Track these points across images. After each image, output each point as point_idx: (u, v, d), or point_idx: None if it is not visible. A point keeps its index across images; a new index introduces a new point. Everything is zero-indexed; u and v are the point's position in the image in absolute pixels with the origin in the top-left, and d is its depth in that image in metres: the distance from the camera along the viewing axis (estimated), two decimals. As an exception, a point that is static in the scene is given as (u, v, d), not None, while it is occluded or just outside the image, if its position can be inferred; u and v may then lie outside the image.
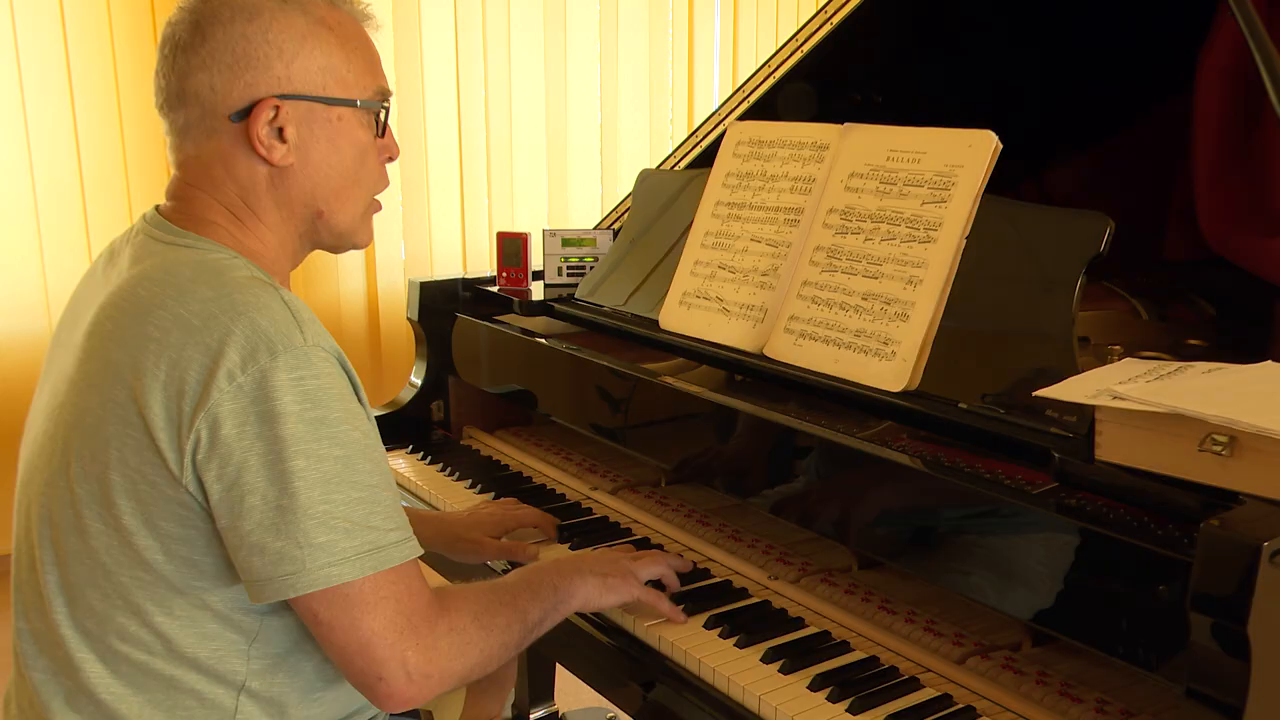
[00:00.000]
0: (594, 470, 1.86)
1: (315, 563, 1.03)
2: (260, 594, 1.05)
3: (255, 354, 1.02)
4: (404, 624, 1.07)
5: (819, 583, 1.42)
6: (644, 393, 1.59)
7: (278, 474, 1.02)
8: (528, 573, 1.28)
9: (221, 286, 1.07)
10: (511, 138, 3.31)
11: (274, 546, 1.03)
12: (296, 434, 1.02)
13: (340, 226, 1.20)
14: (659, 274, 1.77)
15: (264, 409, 1.02)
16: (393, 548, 1.07)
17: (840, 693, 1.18)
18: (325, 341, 1.07)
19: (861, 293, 1.41)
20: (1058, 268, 1.26)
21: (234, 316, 1.04)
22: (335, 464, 1.04)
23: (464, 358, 2.05)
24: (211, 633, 1.10)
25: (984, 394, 1.26)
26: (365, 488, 1.06)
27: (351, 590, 1.04)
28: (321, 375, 1.05)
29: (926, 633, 1.29)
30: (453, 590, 1.16)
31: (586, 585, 1.30)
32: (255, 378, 1.02)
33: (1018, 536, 1.11)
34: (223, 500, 1.04)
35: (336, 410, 1.05)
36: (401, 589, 1.07)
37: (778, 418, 1.37)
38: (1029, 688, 1.17)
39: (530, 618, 1.22)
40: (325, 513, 1.03)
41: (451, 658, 1.10)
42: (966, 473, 1.17)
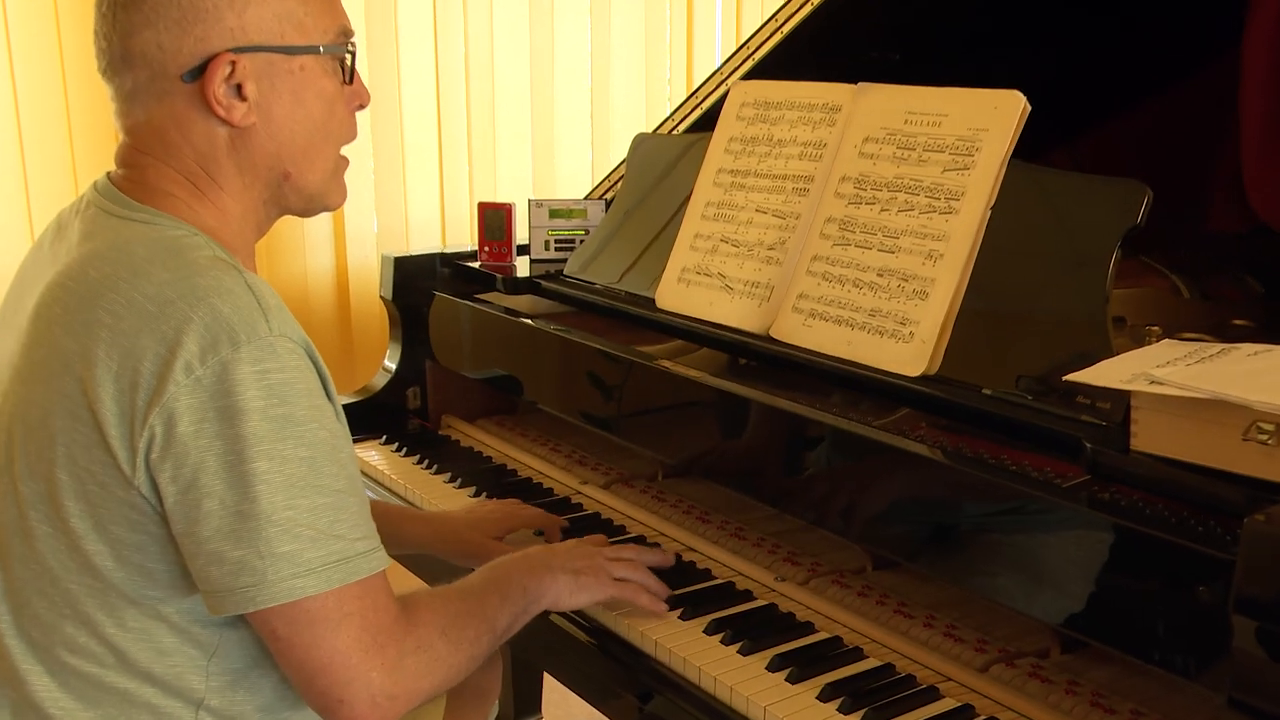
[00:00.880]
0: (584, 463, 1.86)
1: (278, 574, 1.03)
2: (218, 606, 1.05)
3: (216, 344, 1.02)
4: (369, 642, 1.07)
5: (830, 584, 1.43)
6: (639, 378, 1.60)
7: (238, 476, 1.02)
8: (495, 572, 1.28)
9: (180, 268, 1.06)
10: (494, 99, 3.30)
11: (233, 555, 1.03)
12: (259, 433, 1.02)
13: (310, 188, 1.19)
14: (656, 248, 1.77)
15: (224, 405, 1.01)
16: (360, 559, 1.07)
17: (853, 703, 1.18)
18: (292, 331, 1.07)
19: (877, 268, 1.41)
20: (1091, 241, 1.26)
21: (193, 302, 1.03)
22: (300, 466, 1.04)
23: (442, 340, 2.05)
24: (167, 647, 1.10)
25: (1010, 379, 1.27)
26: (332, 493, 1.06)
27: (314, 605, 1.04)
28: (287, 368, 1.04)
29: (946, 638, 1.29)
30: (419, 602, 1.16)
31: (557, 584, 1.31)
32: (215, 370, 1.01)
33: (1046, 534, 1.11)
34: (178, 504, 1.03)
35: (303, 407, 1.05)
36: (367, 604, 1.07)
37: (785, 405, 1.38)
38: (1058, 698, 1.18)
39: (499, 625, 1.23)
40: (289, 520, 1.03)
41: (419, 677, 1.11)
42: (990, 465, 1.17)
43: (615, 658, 1.36)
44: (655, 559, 1.43)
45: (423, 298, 2.05)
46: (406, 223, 3.19)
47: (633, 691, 1.33)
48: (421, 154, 3.20)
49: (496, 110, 3.31)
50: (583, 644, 1.39)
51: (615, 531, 1.63)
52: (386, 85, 3.08)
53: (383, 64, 3.07)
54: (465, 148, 3.27)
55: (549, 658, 1.53)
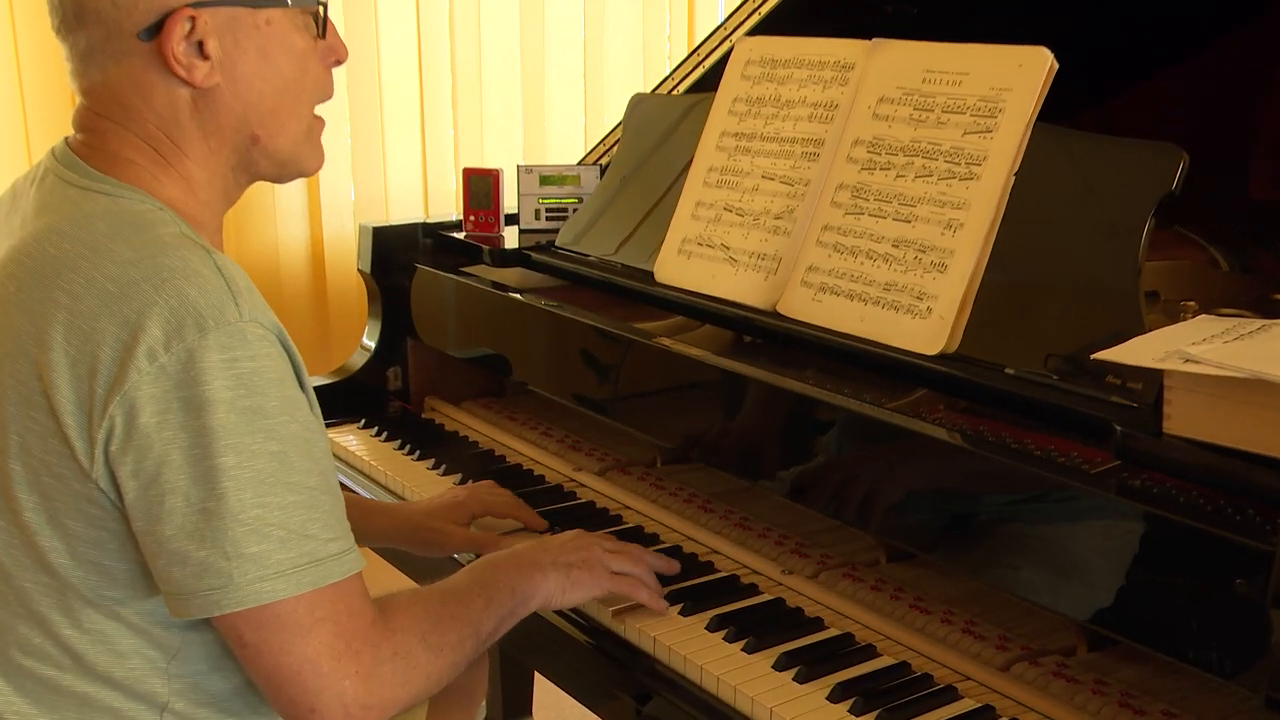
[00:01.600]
0: (578, 448, 1.87)
1: (245, 576, 1.03)
2: (181, 609, 1.05)
3: (181, 329, 1.01)
4: (342, 649, 1.07)
5: (841, 578, 1.43)
6: (637, 357, 1.60)
7: (204, 471, 1.02)
8: (481, 571, 1.28)
9: (144, 247, 1.06)
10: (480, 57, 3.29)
11: (197, 556, 1.03)
12: (227, 425, 1.02)
13: (281, 152, 1.19)
14: (654, 218, 1.77)
15: (190, 395, 1.01)
16: (333, 561, 1.07)
17: (865, 704, 1.19)
18: (263, 316, 1.07)
19: (892, 239, 1.41)
20: (1122, 209, 1.26)
21: (158, 284, 1.03)
22: (270, 461, 1.04)
23: (425, 316, 2.05)
24: (126, 649, 1.10)
25: (1034, 357, 1.27)
26: (304, 490, 1.06)
27: (283, 610, 1.04)
28: (258, 356, 1.04)
29: (965, 635, 1.30)
30: (397, 604, 1.16)
31: (548, 582, 1.31)
32: (181, 357, 1.01)
33: (1073, 524, 1.12)
34: (139, 500, 1.03)
35: (274, 398, 1.05)
36: (340, 608, 1.07)
37: (793, 386, 1.38)
38: (1084, 698, 1.19)
39: (484, 629, 1.23)
40: (257, 518, 1.03)
41: (395, 686, 1.11)
42: (1013, 449, 1.17)
43: (611, 656, 1.36)
44: (659, 563, 1.44)
45: (404, 271, 2.05)
46: (386, 190, 3.18)
47: (630, 692, 1.34)
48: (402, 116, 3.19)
49: (483, 69, 3.30)
50: (576, 642, 1.40)
51: (611, 522, 1.64)
52: (364, 42, 3.06)
53: (360, 18, 3.05)
54: (449, 109, 3.26)
55: (540, 656, 1.53)
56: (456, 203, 3.17)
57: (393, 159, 3.18)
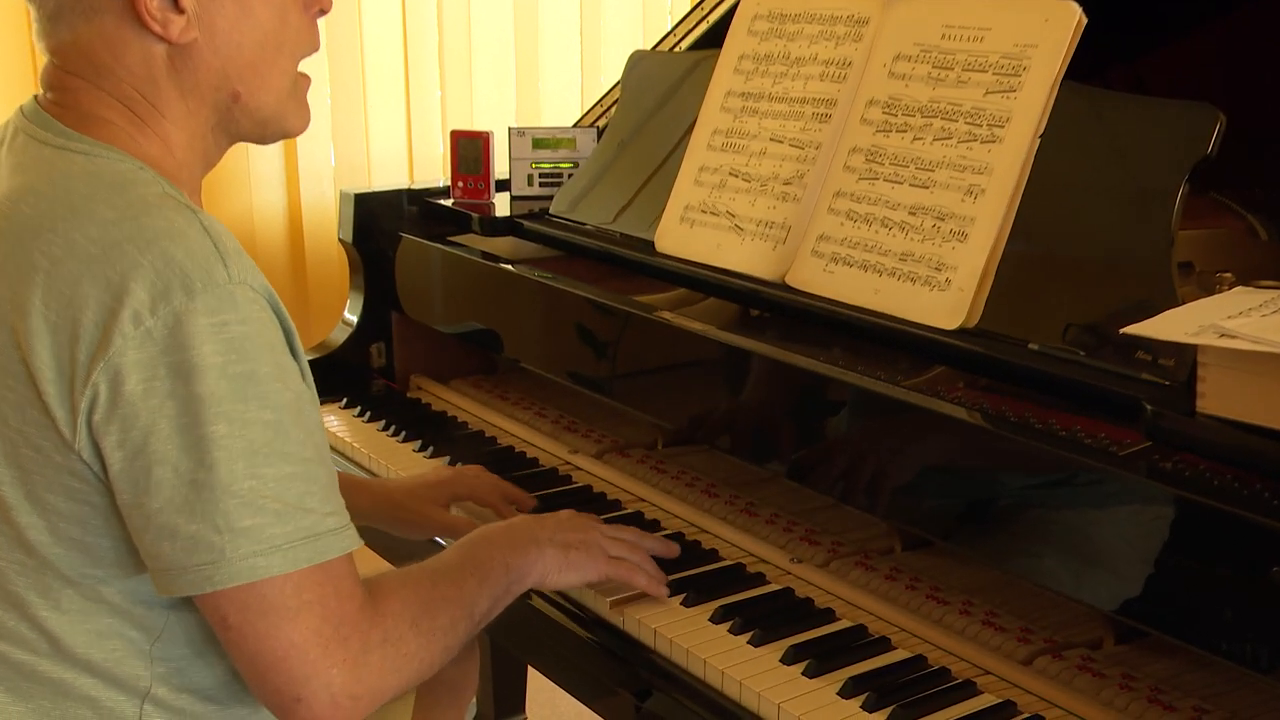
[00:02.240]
0: (574, 429, 1.87)
1: (238, 551, 1.03)
2: (169, 586, 1.06)
3: (168, 292, 1.02)
4: (330, 635, 1.08)
5: (853, 567, 1.44)
6: (636, 332, 1.60)
7: (193, 441, 1.02)
8: (473, 549, 1.29)
9: (126, 207, 1.06)
10: (470, 11, 3.28)
11: (187, 530, 1.03)
12: (217, 392, 1.02)
13: (264, 109, 1.19)
14: (655, 184, 1.77)
15: (177, 360, 1.02)
16: (331, 536, 1.08)
17: (878, 699, 1.20)
18: (254, 278, 1.07)
19: (908, 206, 1.41)
20: (1155, 174, 1.26)
21: (142, 245, 1.03)
22: (264, 431, 1.04)
23: (410, 289, 2.05)
24: (107, 629, 1.11)
25: (1060, 332, 1.27)
26: (299, 461, 1.06)
27: (270, 591, 1.05)
28: (249, 320, 1.04)
29: (985, 627, 1.30)
30: (388, 587, 1.17)
31: (544, 559, 1.31)
32: (168, 321, 1.02)
33: (1100, 509, 1.12)
34: (125, 472, 1.04)
35: (266, 364, 1.05)
36: (329, 591, 1.08)
37: (803, 362, 1.38)
38: (1111, 693, 1.19)
39: (478, 610, 1.23)
40: (251, 490, 1.03)
41: (385, 674, 1.12)
42: (1037, 430, 1.18)
43: (609, 650, 1.37)
44: (658, 547, 1.44)
45: (387, 240, 2.05)
46: (368, 155, 3.17)
47: (629, 688, 1.34)
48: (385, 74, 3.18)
49: (472, 24, 3.29)
50: (572, 634, 1.40)
51: (609, 507, 1.64)
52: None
53: (340, -29, 3.04)
54: (436, 67, 3.25)
55: (534, 650, 1.54)
56: (444, 168, 3.17)
57: (375, 121, 3.17)
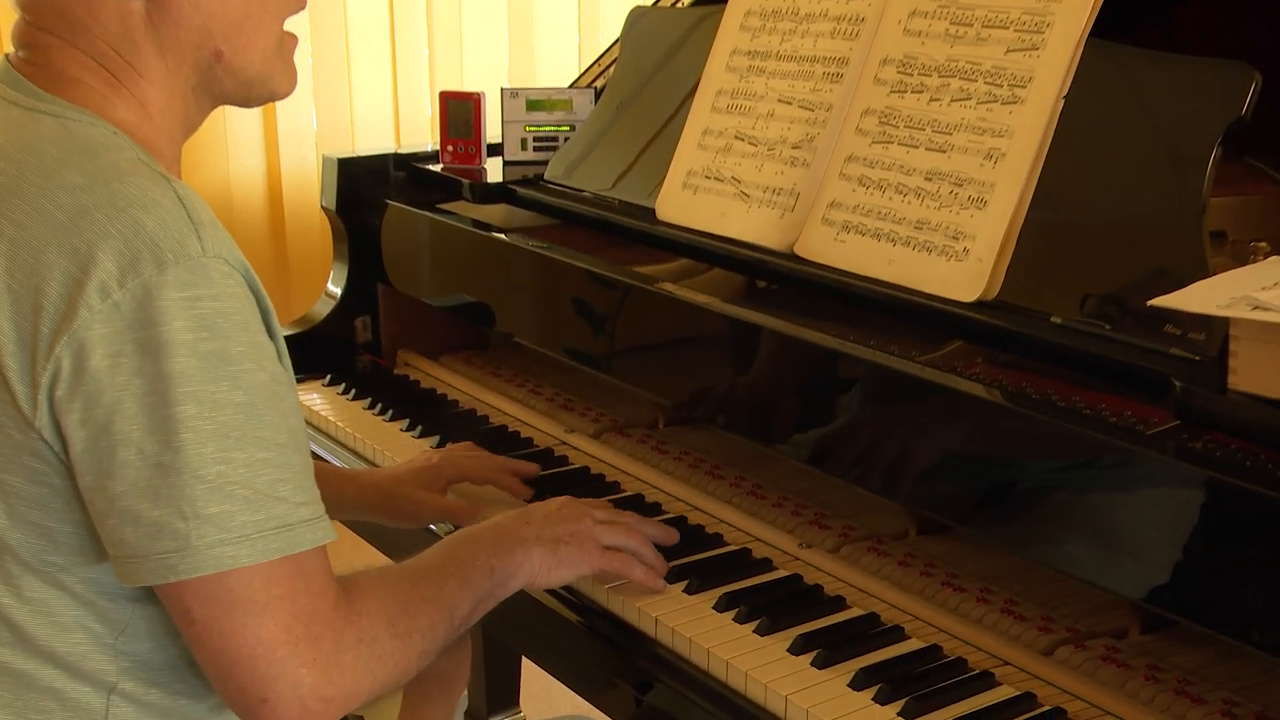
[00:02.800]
0: (570, 408, 1.87)
1: (204, 539, 1.03)
2: (131, 575, 1.06)
3: (137, 264, 1.02)
4: (300, 633, 1.08)
5: (865, 552, 1.44)
6: (636, 305, 1.60)
7: (160, 421, 1.02)
8: (457, 547, 1.29)
9: (97, 173, 1.06)
10: (458, -35, 3.26)
11: (151, 515, 1.03)
12: (187, 371, 1.02)
13: (248, 70, 1.19)
14: (656, 148, 1.76)
15: (146, 336, 1.02)
16: (304, 527, 1.08)
17: (891, 691, 1.20)
18: (229, 252, 1.07)
19: (925, 171, 1.41)
20: (1186, 137, 1.26)
21: (111, 213, 1.03)
22: (235, 413, 1.04)
23: (398, 259, 2.05)
24: (69, 622, 1.11)
25: (1084, 304, 1.27)
26: (272, 446, 1.06)
27: (238, 584, 1.05)
28: (222, 296, 1.04)
29: (1004, 616, 1.31)
30: (362, 586, 1.17)
31: (532, 560, 1.31)
32: (136, 295, 1.02)
33: (1125, 491, 1.12)
34: (87, 452, 1.04)
35: (239, 343, 1.05)
36: (300, 586, 1.08)
37: (812, 337, 1.38)
38: (1136, 685, 1.20)
39: (459, 613, 1.23)
40: (220, 475, 1.03)
41: (358, 676, 1.12)
42: (1060, 408, 1.18)
43: (608, 639, 1.37)
44: (657, 533, 1.44)
45: (373, 208, 2.05)
46: (352, 118, 3.17)
47: (629, 680, 1.35)
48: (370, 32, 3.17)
49: (461, -21, 3.28)
50: (569, 623, 1.41)
51: (607, 489, 1.65)
52: (326, -52, 3.04)
53: (321, -79, 3.03)
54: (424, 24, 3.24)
55: (528, 640, 1.54)
56: (432, 131, 3.16)
57: (360, 81, 3.16)
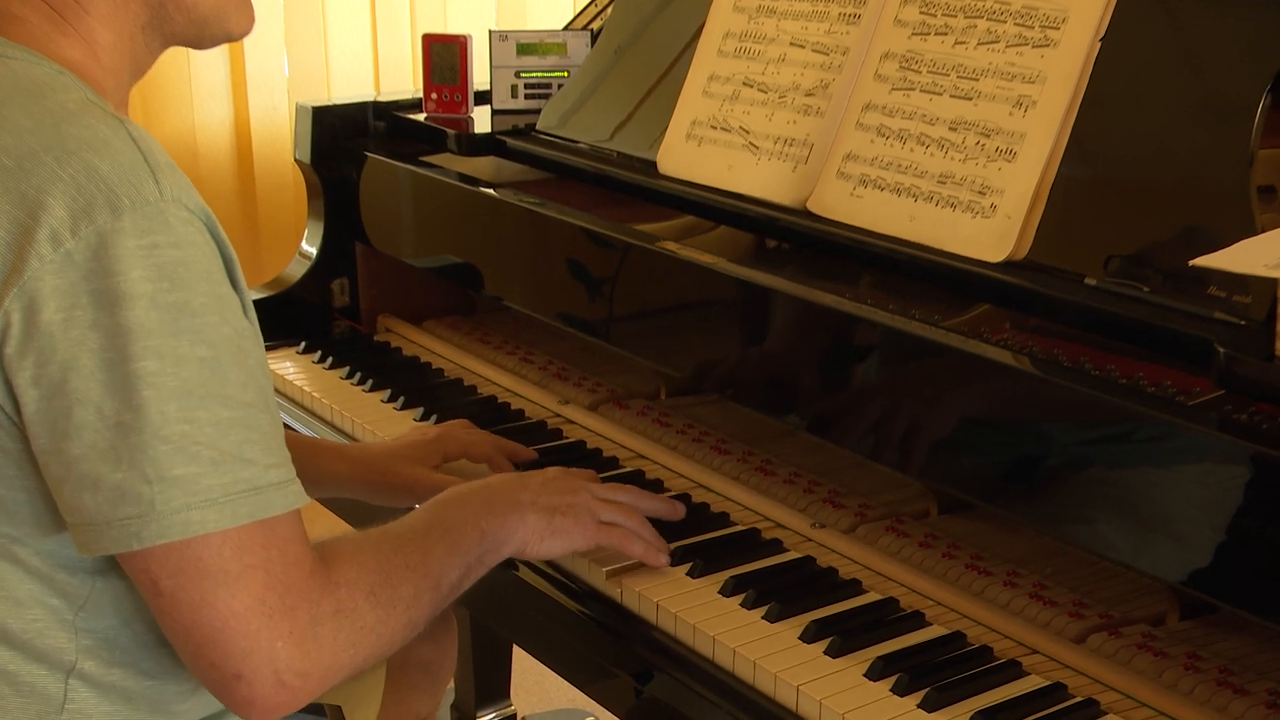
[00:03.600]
0: (564, 377, 1.87)
1: (169, 504, 1.04)
2: (92, 543, 1.06)
3: (91, 210, 1.02)
4: (275, 604, 1.08)
5: (883, 532, 1.44)
6: (636, 266, 1.60)
7: (119, 378, 1.03)
8: (444, 510, 1.30)
9: (44, 114, 1.06)
10: (442, -104, 3.25)
11: (112, 479, 1.04)
12: (147, 324, 1.03)
13: (201, 7, 1.19)
14: (658, 96, 1.76)
15: (101, 287, 1.02)
16: (275, 491, 1.08)
17: (911, 681, 1.21)
18: (189, 197, 1.07)
19: (949, 120, 1.41)
20: (1232, 84, 1.25)
21: (61, 156, 1.03)
22: (199, 369, 1.04)
23: (377, 217, 2.04)
24: (26, 596, 1.12)
25: (1120, 265, 1.27)
26: (239, 405, 1.07)
27: (206, 553, 1.05)
28: (182, 244, 1.05)
29: (1033, 601, 1.31)
30: (343, 553, 1.17)
31: (525, 526, 1.32)
32: (90, 243, 1.02)
33: (1164, 467, 1.12)
34: (42, 413, 1.04)
35: (202, 294, 1.05)
36: (274, 554, 1.08)
37: (827, 300, 1.38)
38: (1175, 675, 1.20)
39: (446, 580, 1.24)
40: (184, 435, 1.04)
41: (337, 649, 1.12)
42: (1093, 377, 1.18)
43: (606, 627, 1.38)
44: (660, 507, 1.44)
45: (350, 161, 2.04)
46: (327, 63, 3.16)
47: (628, 670, 1.35)
48: (346, -29, 3.16)
49: (445, -89, 3.26)
50: (564, 609, 1.41)
51: (605, 465, 1.65)
52: (299, -123, 3.03)
53: None
54: (404, -38, 3.23)
55: (519, 627, 1.55)
56: (415, 77, 3.15)
57: (335, 23, 3.15)
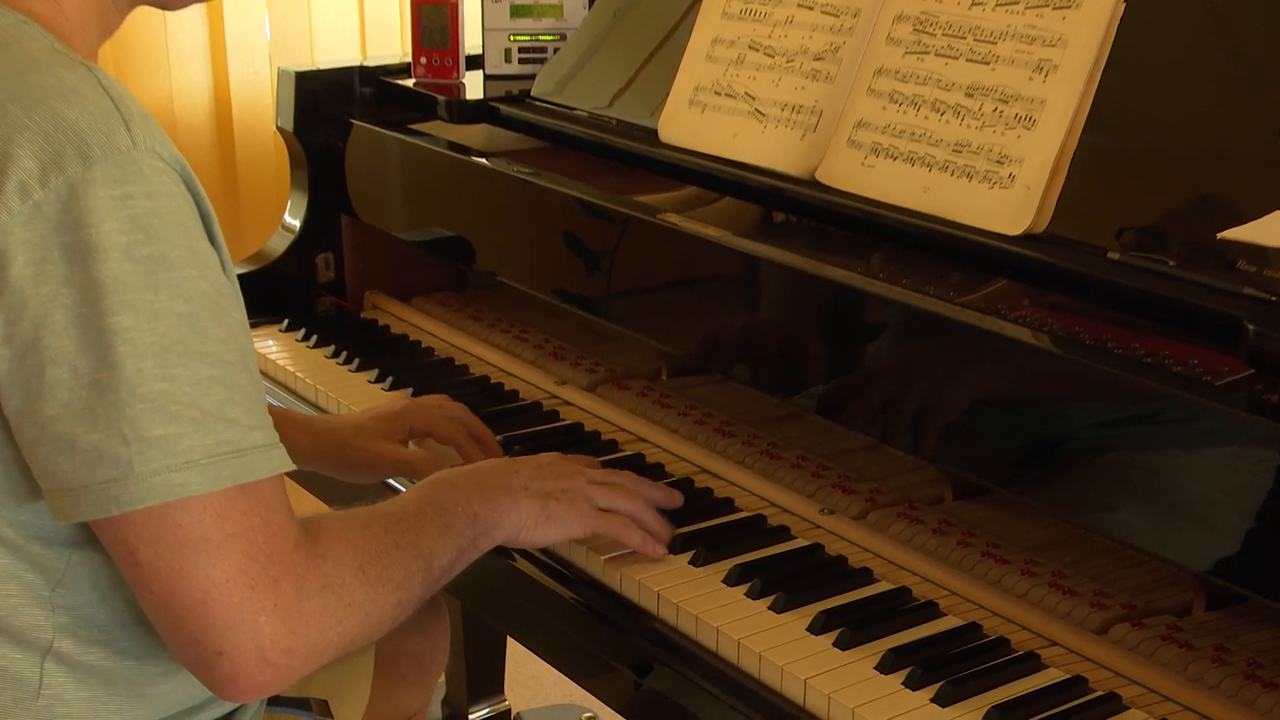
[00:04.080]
0: (561, 356, 1.88)
1: (148, 465, 1.04)
2: (69, 509, 1.06)
3: (60, 160, 1.02)
4: (259, 575, 1.08)
5: (895, 519, 1.45)
6: (636, 239, 1.60)
7: (94, 335, 1.03)
8: (435, 490, 1.30)
9: (8, 63, 1.07)
10: None
11: (89, 440, 1.04)
12: (121, 277, 1.03)
13: None
14: (659, 61, 1.76)
15: (73, 240, 1.02)
16: (259, 454, 1.09)
17: (924, 675, 1.21)
18: (163, 147, 1.07)
19: (965, 85, 1.40)
20: (1264, 47, 1.25)
21: (28, 104, 1.04)
22: (177, 324, 1.05)
23: (364, 188, 2.04)
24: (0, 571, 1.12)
25: (1145, 237, 1.27)
26: (219, 363, 1.07)
27: (186, 519, 1.05)
28: (157, 194, 1.05)
29: (1052, 590, 1.31)
30: (328, 526, 1.17)
31: (519, 510, 1.32)
32: (61, 194, 1.02)
33: (1190, 450, 1.12)
34: (13, 372, 1.04)
35: (178, 247, 1.05)
36: (257, 522, 1.08)
37: (836, 275, 1.38)
38: (1200, 668, 1.20)
39: (438, 562, 1.24)
40: (163, 394, 1.04)
41: (325, 626, 1.12)
42: (1116, 355, 1.18)
43: (604, 618, 1.38)
44: (658, 495, 1.44)
45: (336, 129, 2.04)
46: (311, 26, 3.15)
47: (627, 663, 1.36)
48: (330, -73, 3.15)
49: None
50: (560, 600, 1.41)
51: (603, 449, 1.65)
52: None
53: None
54: (392, -81, 3.22)
55: (514, 619, 1.55)
56: (403, 41, 3.15)
57: (319, -16, 3.15)
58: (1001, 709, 1.16)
